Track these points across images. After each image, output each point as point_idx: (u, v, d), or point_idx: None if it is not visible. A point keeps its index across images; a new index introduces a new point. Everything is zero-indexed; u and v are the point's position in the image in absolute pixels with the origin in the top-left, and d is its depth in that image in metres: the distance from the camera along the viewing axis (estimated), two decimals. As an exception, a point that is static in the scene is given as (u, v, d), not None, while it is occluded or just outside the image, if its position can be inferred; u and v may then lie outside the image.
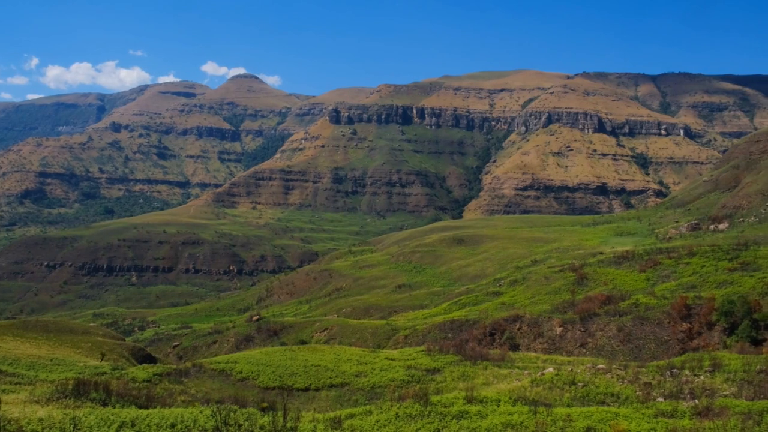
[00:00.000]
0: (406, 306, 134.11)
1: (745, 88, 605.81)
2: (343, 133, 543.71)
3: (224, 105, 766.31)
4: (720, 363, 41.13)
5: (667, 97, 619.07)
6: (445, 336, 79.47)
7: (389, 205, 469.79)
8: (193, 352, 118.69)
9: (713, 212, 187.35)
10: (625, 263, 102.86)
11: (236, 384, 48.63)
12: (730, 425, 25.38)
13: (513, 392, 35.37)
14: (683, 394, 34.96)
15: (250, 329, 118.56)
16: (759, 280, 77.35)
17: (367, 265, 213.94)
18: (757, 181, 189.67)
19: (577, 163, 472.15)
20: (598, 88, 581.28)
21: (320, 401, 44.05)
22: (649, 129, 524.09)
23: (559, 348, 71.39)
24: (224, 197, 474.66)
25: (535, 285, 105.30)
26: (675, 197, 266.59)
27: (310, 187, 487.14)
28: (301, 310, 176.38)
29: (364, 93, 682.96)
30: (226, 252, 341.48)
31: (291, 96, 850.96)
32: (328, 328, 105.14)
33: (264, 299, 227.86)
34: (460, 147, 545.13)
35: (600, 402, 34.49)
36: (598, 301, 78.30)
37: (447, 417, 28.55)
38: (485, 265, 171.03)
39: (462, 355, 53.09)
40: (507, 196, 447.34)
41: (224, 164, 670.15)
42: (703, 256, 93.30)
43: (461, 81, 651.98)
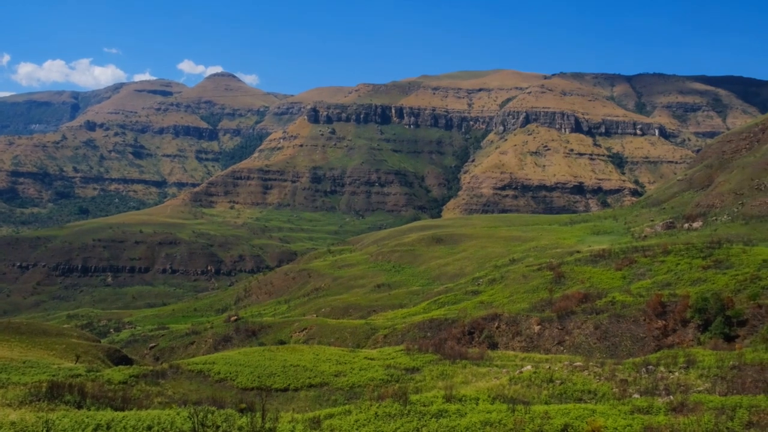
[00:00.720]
0: (385, 305, 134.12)
1: (718, 88, 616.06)
2: (321, 133, 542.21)
3: (201, 104, 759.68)
4: (694, 359, 41.76)
5: (642, 97, 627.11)
6: (424, 335, 79.66)
7: (368, 204, 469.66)
8: (171, 353, 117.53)
9: (687, 211, 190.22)
10: (601, 262, 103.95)
11: (214, 385, 48.22)
12: (704, 420, 25.75)
13: (492, 390, 35.56)
14: (658, 390, 35.42)
15: (228, 330, 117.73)
16: (732, 278, 78.69)
17: (346, 264, 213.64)
18: (730, 180, 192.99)
19: (554, 162, 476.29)
20: (575, 88, 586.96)
21: (299, 401, 43.87)
22: (624, 129, 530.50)
23: (537, 346, 71.95)
24: (202, 197, 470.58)
25: (513, 284, 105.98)
26: (650, 196, 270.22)
27: (288, 186, 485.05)
28: (279, 310, 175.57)
29: (342, 92, 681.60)
30: (204, 252, 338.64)
31: (269, 95, 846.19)
32: (306, 328, 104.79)
33: (242, 299, 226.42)
34: (438, 146, 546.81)
35: (577, 399, 34.80)
36: (575, 300, 79.09)
37: (426, 416, 28.59)
38: (464, 264, 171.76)
39: (441, 354, 53.24)
40: (485, 196, 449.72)
41: (202, 163, 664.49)
42: (678, 255, 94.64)
43: (440, 81, 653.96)
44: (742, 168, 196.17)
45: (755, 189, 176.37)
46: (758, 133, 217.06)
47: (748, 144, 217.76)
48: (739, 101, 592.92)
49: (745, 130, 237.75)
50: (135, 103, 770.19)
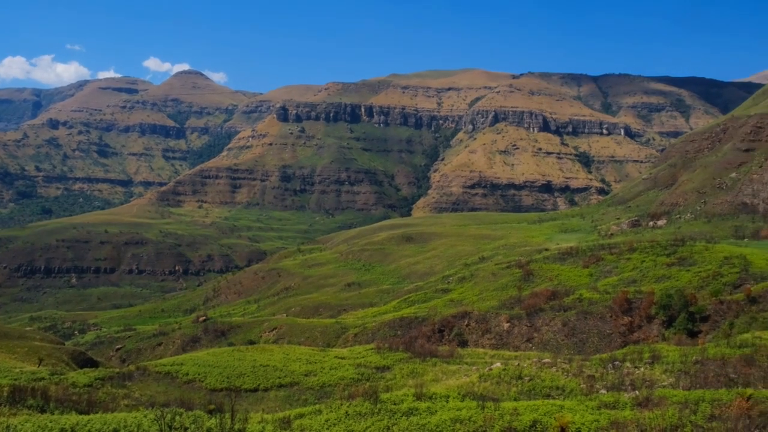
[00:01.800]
0: (355, 304, 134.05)
1: (681, 89, 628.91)
2: (291, 131, 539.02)
3: (168, 102, 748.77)
4: (659, 355, 42.58)
5: (608, 97, 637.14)
6: (395, 333, 79.78)
7: (338, 203, 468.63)
8: (137, 354, 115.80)
9: (652, 209, 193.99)
10: (569, 259, 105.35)
11: (182, 386, 47.63)
12: (668, 415, 26.26)
13: (462, 388, 35.77)
14: (625, 385, 36.04)
15: (196, 330, 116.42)
16: (695, 275, 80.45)
17: (316, 263, 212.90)
18: (693, 179, 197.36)
19: (523, 161, 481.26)
20: (543, 88, 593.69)
21: (269, 402, 43.58)
22: (591, 128, 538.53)
23: (506, 343, 72.62)
24: (169, 196, 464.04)
25: (483, 282, 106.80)
26: (616, 195, 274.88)
27: (257, 185, 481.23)
28: (249, 309, 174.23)
29: (312, 90, 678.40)
30: (172, 252, 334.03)
31: (238, 93, 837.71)
32: (276, 328, 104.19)
33: (211, 299, 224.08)
34: (408, 145, 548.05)
35: (546, 395, 35.22)
36: (543, 297, 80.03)
37: (397, 414, 28.63)
38: (434, 263, 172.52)
39: (411, 352, 53.40)
40: (455, 194, 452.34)
41: (169, 162, 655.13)
42: (643, 252, 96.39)
43: (409, 79, 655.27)
44: (704, 167, 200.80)
45: (717, 188, 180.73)
46: (720, 134, 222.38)
47: (710, 144, 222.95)
48: (702, 102, 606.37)
49: (707, 131, 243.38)
50: (100, 101, 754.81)
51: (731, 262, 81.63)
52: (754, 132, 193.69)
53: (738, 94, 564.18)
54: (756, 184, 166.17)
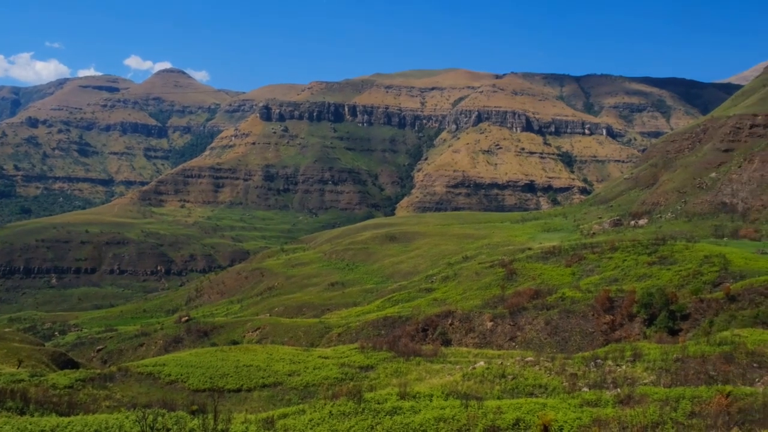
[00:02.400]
0: (339, 304, 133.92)
1: (662, 90, 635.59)
2: (274, 130, 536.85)
3: (150, 100, 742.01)
4: (640, 353, 43.02)
5: (590, 97, 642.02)
6: (379, 333, 79.82)
7: (321, 202, 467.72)
8: (119, 355, 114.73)
9: (633, 208, 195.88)
10: (552, 258, 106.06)
11: (165, 387, 47.26)
12: (649, 412, 26.53)
13: (445, 387, 35.87)
14: (606, 383, 36.36)
15: (179, 330, 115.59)
16: (675, 273, 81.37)
17: (299, 263, 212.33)
18: (674, 179, 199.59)
19: (506, 161, 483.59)
20: (526, 88, 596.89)
21: (252, 402, 43.39)
22: (573, 128, 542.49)
23: (489, 342, 72.92)
24: (151, 195, 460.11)
25: (467, 281, 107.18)
26: (598, 194, 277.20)
27: (240, 184, 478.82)
28: (232, 309, 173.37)
29: (295, 90, 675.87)
30: (154, 252, 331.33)
31: (220, 92, 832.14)
32: (260, 328, 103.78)
33: (193, 299, 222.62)
34: (392, 145, 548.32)
35: (529, 393, 35.43)
36: (526, 296, 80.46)
37: (380, 413, 28.64)
38: (417, 262, 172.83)
39: (395, 351, 53.43)
40: (438, 194, 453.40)
41: (150, 161, 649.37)
42: (625, 251, 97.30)
43: (393, 79, 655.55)
44: (684, 167, 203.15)
45: (697, 187, 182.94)
46: (700, 134, 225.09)
47: (690, 144, 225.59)
48: (682, 103, 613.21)
49: (687, 131, 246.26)
50: (80, 99, 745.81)
51: (711, 260, 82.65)
52: (733, 132, 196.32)
53: (718, 95, 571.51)
54: (735, 184, 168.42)
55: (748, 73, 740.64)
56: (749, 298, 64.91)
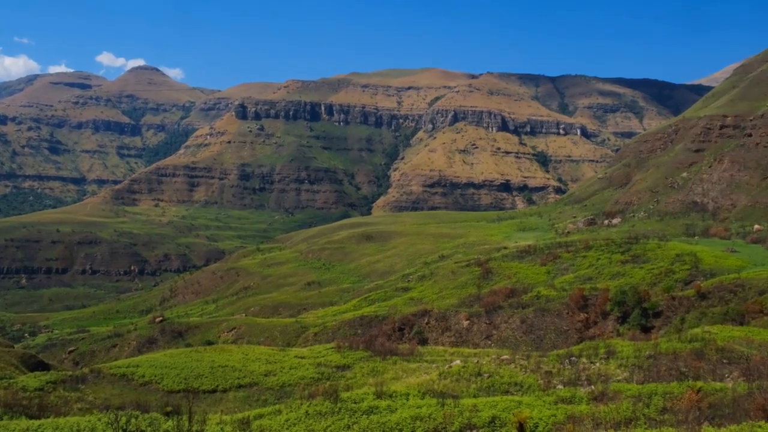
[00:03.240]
0: (315, 303, 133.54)
1: (635, 91, 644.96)
2: (249, 129, 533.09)
3: (123, 98, 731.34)
4: (614, 350, 43.57)
5: (565, 98, 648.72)
6: (355, 332, 79.73)
7: (298, 202, 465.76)
8: (91, 357, 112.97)
9: (607, 208, 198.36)
10: (527, 257, 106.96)
11: (138, 389, 46.68)
12: (622, 408, 26.89)
13: (422, 386, 35.94)
14: (581, 380, 36.75)
15: (153, 331, 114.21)
16: (648, 272, 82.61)
17: (275, 262, 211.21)
18: (646, 178, 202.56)
19: (482, 160, 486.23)
20: (502, 88, 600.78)
21: (228, 402, 43.04)
22: (548, 128, 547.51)
23: (466, 341, 73.28)
24: (124, 194, 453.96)
25: (443, 280, 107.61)
26: (573, 194, 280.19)
27: (215, 183, 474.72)
28: (207, 310, 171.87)
29: (271, 88, 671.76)
30: (127, 251, 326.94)
31: (195, 90, 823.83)
32: (235, 328, 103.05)
33: (168, 300, 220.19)
34: (368, 144, 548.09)
35: (504, 391, 35.65)
36: (502, 295, 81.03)
37: (357, 413, 28.61)
38: (394, 261, 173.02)
39: (372, 350, 53.42)
40: (415, 193, 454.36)
41: (124, 160, 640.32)
42: (599, 250, 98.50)
43: (369, 78, 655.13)
44: (657, 167, 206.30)
45: (669, 187, 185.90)
46: (672, 134, 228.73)
47: (662, 144, 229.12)
48: (654, 103, 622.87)
49: (660, 131, 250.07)
50: (51, 96, 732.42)
51: (682, 259, 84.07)
52: (704, 133, 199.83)
53: (689, 96, 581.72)
54: (706, 183, 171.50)
55: (718, 75, 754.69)
56: (719, 296, 66.19)
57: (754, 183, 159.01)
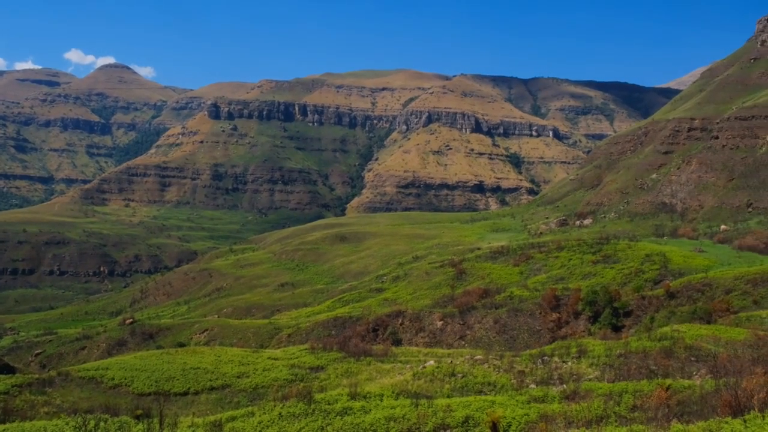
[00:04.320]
0: (289, 304, 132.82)
1: (606, 93, 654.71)
2: (222, 129, 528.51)
3: (93, 96, 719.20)
4: (585, 349, 44.05)
5: (537, 100, 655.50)
6: (329, 333, 79.45)
7: (271, 202, 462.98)
8: (59, 359, 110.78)
9: (579, 209, 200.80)
10: (500, 258, 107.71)
11: (108, 392, 45.89)
12: (594, 406, 27.15)
13: (396, 386, 35.91)
14: (553, 379, 37.07)
15: (123, 333, 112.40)
16: (618, 272, 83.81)
17: (248, 263, 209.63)
18: (617, 180, 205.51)
19: (455, 161, 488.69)
20: (475, 90, 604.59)
21: (200, 405, 42.54)
22: (521, 130, 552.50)
23: (440, 341, 73.48)
24: (93, 194, 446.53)
25: (417, 280, 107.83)
26: (545, 195, 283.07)
27: (188, 183, 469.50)
28: (179, 311, 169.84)
29: (244, 88, 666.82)
30: (96, 252, 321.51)
31: (167, 89, 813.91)
32: (208, 329, 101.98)
33: (138, 301, 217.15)
34: (342, 144, 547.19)
35: (478, 391, 35.80)
36: (476, 295, 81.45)
37: (331, 414, 28.47)
38: (368, 262, 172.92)
39: (346, 351, 53.28)
40: (389, 194, 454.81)
41: (93, 159, 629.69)
42: (570, 250, 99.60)
43: (343, 79, 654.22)
44: (627, 168, 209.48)
45: (639, 188, 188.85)
46: (641, 136, 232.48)
47: (632, 146, 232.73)
48: (625, 106, 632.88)
49: (630, 133, 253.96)
50: (17, 93, 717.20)
51: (652, 259, 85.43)
52: (672, 135, 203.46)
53: (658, 99, 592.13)
54: (674, 185, 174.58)
55: (686, 79, 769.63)
56: (687, 295, 67.40)
57: (721, 184, 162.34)
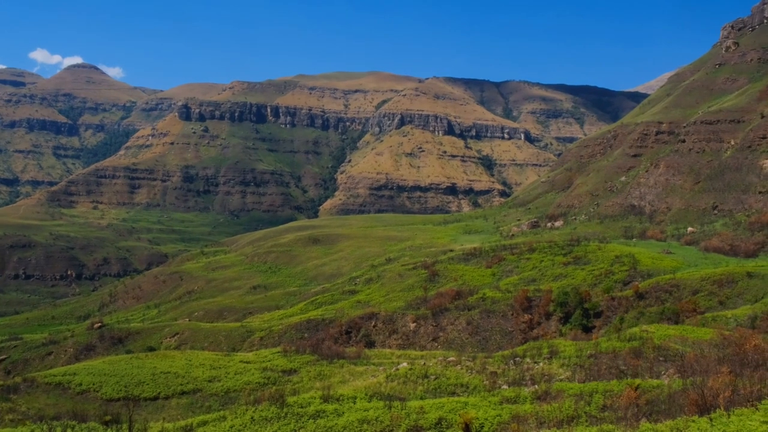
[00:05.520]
0: (261, 307, 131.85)
1: (576, 97, 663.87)
2: (194, 130, 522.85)
3: (60, 96, 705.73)
4: (557, 350, 44.50)
5: (509, 103, 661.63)
6: (302, 336, 79.09)
7: (243, 204, 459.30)
8: (24, 365, 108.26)
9: (550, 211, 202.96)
10: (473, 260, 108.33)
11: (75, 398, 44.99)
12: (565, 407, 27.43)
13: (369, 388, 35.86)
14: (525, 380, 37.37)
15: (91, 338, 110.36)
16: (589, 273, 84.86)
17: (220, 266, 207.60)
18: (587, 182, 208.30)
19: (428, 163, 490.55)
20: (448, 92, 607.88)
21: (170, 410, 41.96)
22: (493, 133, 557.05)
23: (413, 343, 73.60)
24: (61, 196, 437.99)
25: (390, 283, 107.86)
26: (517, 197, 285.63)
27: (158, 185, 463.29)
28: (149, 315, 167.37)
29: (216, 89, 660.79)
30: (64, 255, 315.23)
31: (136, 89, 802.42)
32: (178, 333, 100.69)
33: (107, 305, 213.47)
34: (315, 146, 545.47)
35: (451, 393, 35.92)
36: (448, 297, 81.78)
37: (304, 417, 28.31)
38: (341, 264, 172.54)
39: (319, 354, 53.06)
40: (362, 196, 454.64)
41: (60, 160, 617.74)
42: (542, 252, 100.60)
43: (316, 80, 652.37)
44: (597, 171, 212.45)
45: (608, 190, 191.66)
46: (611, 140, 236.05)
47: (602, 149, 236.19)
48: (595, 109, 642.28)
49: (599, 137, 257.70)
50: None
51: (621, 260, 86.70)
52: (641, 139, 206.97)
53: (627, 103, 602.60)
54: (643, 187, 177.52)
55: (653, 83, 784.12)
56: (656, 296, 68.58)
57: (688, 187, 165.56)
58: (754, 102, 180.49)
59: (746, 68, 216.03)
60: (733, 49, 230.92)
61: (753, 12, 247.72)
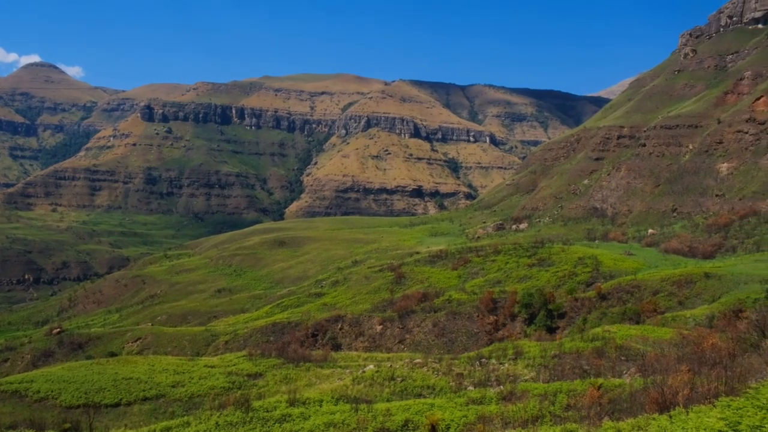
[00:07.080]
0: (226, 311, 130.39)
1: (540, 101, 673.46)
2: (157, 132, 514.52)
3: (17, 96, 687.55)
4: (521, 351, 44.98)
5: (474, 106, 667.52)
6: (267, 339, 78.42)
7: (208, 207, 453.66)
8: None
9: (515, 213, 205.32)
10: (439, 262, 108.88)
11: (33, 405, 43.79)
12: (529, 407, 27.73)
13: (335, 392, 35.73)
14: (491, 381, 37.68)
15: (49, 343, 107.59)
16: (553, 275, 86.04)
17: (184, 269, 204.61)
18: (551, 185, 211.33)
19: (394, 166, 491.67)
20: (414, 95, 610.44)
21: (133, 416, 41.14)
22: (459, 136, 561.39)
23: (379, 345, 73.61)
24: (17, 198, 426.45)
25: (356, 285, 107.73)
26: (482, 199, 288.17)
27: (120, 187, 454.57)
28: (110, 320, 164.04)
29: (179, 90, 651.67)
30: (20, 259, 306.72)
31: (97, 89, 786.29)
32: (141, 338, 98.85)
33: (67, 310, 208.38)
34: (281, 148, 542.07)
35: (417, 395, 36.00)
36: (415, 299, 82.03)
37: (269, 422, 28.06)
38: (307, 267, 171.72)
39: (284, 357, 52.67)
40: (328, 198, 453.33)
41: (17, 161, 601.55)
42: (507, 254, 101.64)
43: (282, 82, 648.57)
44: (560, 174, 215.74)
45: (572, 193, 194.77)
46: (574, 143, 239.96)
47: (565, 153, 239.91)
48: (559, 113, 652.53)
49: (563, 140, 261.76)
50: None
51: (584, 262, 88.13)
52: (603, 143, 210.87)
53: (589, 108, 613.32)
54: (605, 190, 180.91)
55: (615, 88, 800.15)
56: (617, 297, 69.90)
57: (648, 190, 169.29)
58: (711, 108, 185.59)
59: (703, 75, 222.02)
60: (691, 56, 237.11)
61: (710, 20, 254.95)
